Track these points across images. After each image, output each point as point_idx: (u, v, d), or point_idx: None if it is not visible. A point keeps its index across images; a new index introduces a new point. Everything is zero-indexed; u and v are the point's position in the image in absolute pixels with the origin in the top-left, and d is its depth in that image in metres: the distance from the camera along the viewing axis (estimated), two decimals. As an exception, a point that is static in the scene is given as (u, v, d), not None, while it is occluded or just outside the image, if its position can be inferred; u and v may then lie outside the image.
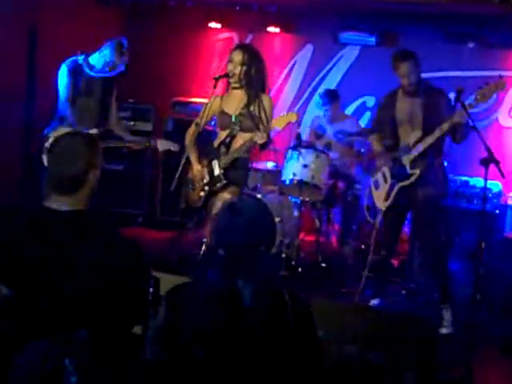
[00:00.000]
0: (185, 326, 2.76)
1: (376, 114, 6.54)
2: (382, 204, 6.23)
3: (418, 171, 5.96)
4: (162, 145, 6.73)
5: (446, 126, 5.72)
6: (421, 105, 6.00)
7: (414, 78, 5.99)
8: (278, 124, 5.71)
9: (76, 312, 2.69)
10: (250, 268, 2.80)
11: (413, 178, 5.99)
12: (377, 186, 6.31)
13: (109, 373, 2.51)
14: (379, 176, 6.28)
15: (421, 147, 5.90)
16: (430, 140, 5.85)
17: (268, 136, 5.65)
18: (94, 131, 6.52)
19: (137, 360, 2.67)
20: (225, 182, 5.86)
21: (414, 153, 5.94)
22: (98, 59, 6.70)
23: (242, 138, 5.82)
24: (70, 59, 6.74)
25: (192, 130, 6.01)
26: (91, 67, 6.71)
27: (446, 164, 6.30)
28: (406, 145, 6.03)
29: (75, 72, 6.70)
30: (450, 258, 6.44)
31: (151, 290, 3.33)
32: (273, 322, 2.77)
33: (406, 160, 6.00)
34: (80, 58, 6.74)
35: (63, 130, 6.27)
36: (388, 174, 6.18)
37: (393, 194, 6.11)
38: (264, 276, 2.82)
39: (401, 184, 6.06)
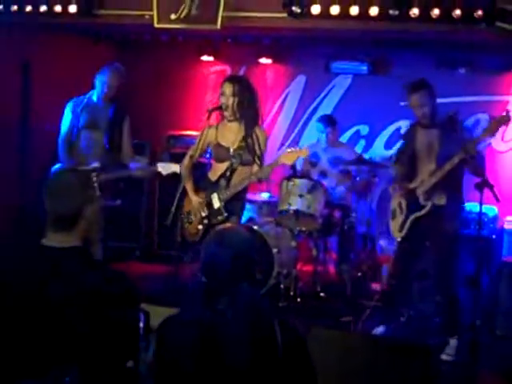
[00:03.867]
0: (172, 357, 2.75)
1: (401, 144, 6.55)
2: (396, 234, 6.24)
3: (430, 203, 5.94)
4: (165, 169, 6.63)
5: (455, 160, 5.68)
6: (437, 137, 5.96)
7: (427, 109, 5.93)
8: (287, 159, 5.74)
9: (67, 347, 2.68)
10: (230, 297, 2.79)
11: (425, 210, 5.96)
12: (393, 216, 6.32)
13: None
14: (396, 206, 6.29)
15: (432, 180, 5.89)
16: (440, 174, 5.82)
17: (270, 171, 5.70)
18: (95, 164, 6.55)
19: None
20: (226, 214, 5.87)
21: (427, 184, 5.93)
22: (97, 86, 6.82)
23: (242, 171, 5.84)
24: (75, 98, 6.87)
25: (187, 161, 6.05)
26: (96, 97, 6.83)
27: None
28: (421, 175, 6.05)
29: (77, 107, 6.81)
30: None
31: (142, 324, 3.31)
32: (260, 351, 2.75)
33: (420, 192, 5.99)
34: (86, 95, 6.84)
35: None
36: (404, 206, 6.18)
37: (407, 225, 6.11)
38: (247, 306, 2.81)
39: (413, 215, 6.05)
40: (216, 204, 5.89)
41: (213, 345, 2.71)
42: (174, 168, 6.46)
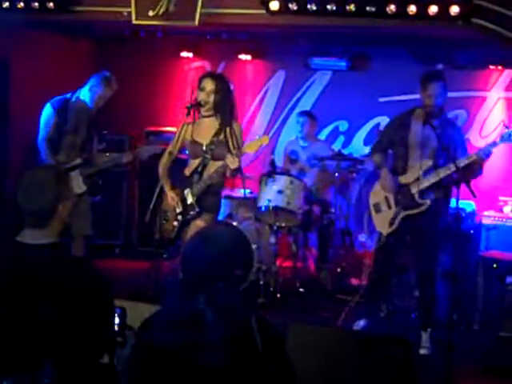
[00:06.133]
0: (151, 357, 2.75)
1: (385, 134, 6.42)
2: (384, 229, 6.21)
3: (428, 202, 5.94)
4: (146, 152, 7.02)
5: (464, 162, 5.71)
6: (436, 133, 5.89)
7: (440, 100, 5.96)
8: (250, 148, 5.75)
9: (42, 343, 2.68)
10: (208, 296, 2.78)
11: (422, 208, 5.97)
12: (378, 210, 6.28)
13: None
14: (381, 200, 6.25)
15: (432, 178, 5.89)
16: (443, 173, 5.83)
17: (239, 161, 5.68)
18: (77, 161, 6.70)
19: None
20: (198, 209, 5.87)
21: (425, 183, 5.93)
22: (87, 94, 6.81)
23: (213, 166, 5.85)
24: (57, 98, 6.84)
25: (165, 159, 6.05)
26: (82, 102, 6.83)
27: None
28: (415, 172, 6.03)
29: (62, 110, 6.80)
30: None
31: (118, 320, 3.32)
32: (239, 350, 2.76)
33: (416, 188, 5.98)
34: (68, 95, 6.83)
35: None
36: (392, 200, 6.15)
37: (397, 221, 6.10)
38: (225, 305, 2.81)
39: (407, 212, 6.05)
40: (189, 199, 5.90)
41: (192, 345, 2.71)
42: (154, 150, 7.00)
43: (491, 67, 8.43)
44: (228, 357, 2.72)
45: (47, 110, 6.81)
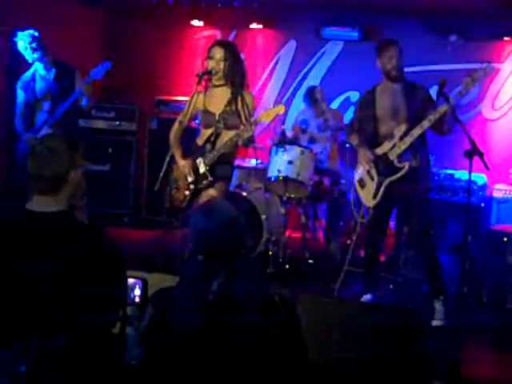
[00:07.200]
0: (170, 328, 2.74)
1: (356, 113, 6.46)
2: (370, 202, 6.19)
3: (407, 165, 5.93)
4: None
5: (434, 117, 5.69)
6: (403, 98, 5.96)
7: (399, 62, 5.99)
8: (266, 117, 5.71)
9: (54, 314, 2.67)
10: (229, 270, 2.76)
11: (402, 172, 5.95)
12: (362, 185, 6.26)
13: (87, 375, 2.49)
14: (363, 174, 6.23)
15: (408, 140, 5.89)
16: (417, 132, 5.81)
17: (253, 130, 5.64)
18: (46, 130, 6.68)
19: (116, 360, 2.65)
20: (211, 178, 5.85)
21: (402, 146, 5.92)
22: (27, 56, 6.85)
23: (226, 136, 5.81)
24: (22, 78, 6.95)
25: (176, 127, 6.02)
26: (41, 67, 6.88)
27: (431, 157, 6.29)
28: (391, 141, 6.01)
29: (28, 84, 6.89)
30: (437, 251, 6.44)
31: (139, 291, 3.31)
32: (264, 323, 2.75)
33: (393, 154, 5.97)
34: (30, 71, 6.92)
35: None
36: (374, 172, 6.13)
37: (381, 191, 6.08)
38: (246, 276, 2.79)
39: (389, 179, 6.03)
40: (201, 169, 5.87)
41: (216, 321, 2.70)
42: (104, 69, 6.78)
43: (505, 39, 8.33)
44: (255, 329, 2.71)
45: (18, 94, 6.93)
